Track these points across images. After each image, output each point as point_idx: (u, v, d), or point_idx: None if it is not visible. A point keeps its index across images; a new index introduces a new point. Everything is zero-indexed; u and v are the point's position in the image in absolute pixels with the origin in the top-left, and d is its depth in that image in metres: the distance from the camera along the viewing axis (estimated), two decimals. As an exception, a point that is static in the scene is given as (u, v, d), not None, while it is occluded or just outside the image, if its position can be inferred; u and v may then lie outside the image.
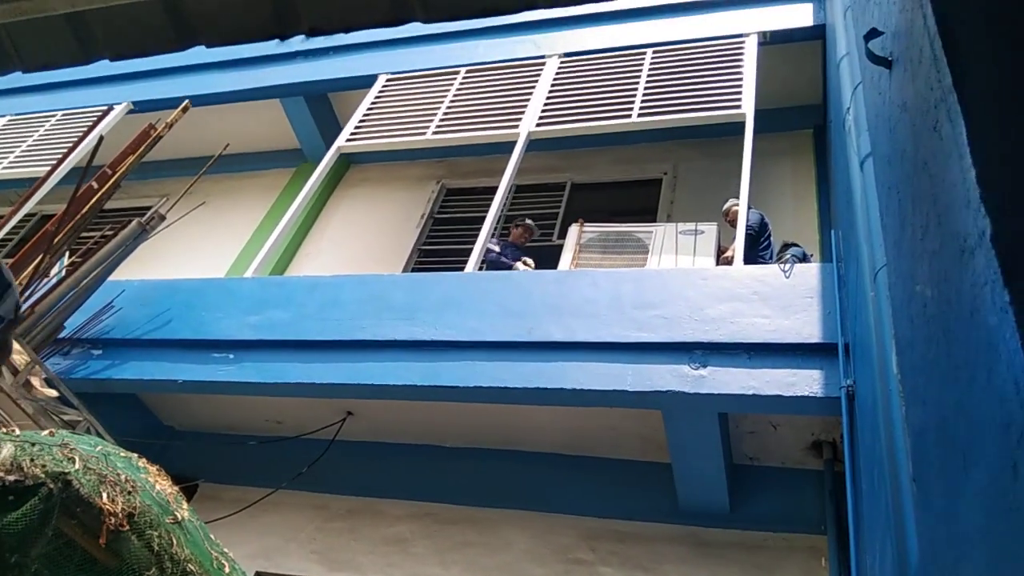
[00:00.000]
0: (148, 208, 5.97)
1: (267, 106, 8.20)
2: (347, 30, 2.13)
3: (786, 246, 5.80)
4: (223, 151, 6.36)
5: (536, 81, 6.81)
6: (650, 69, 6.48)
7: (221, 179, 8.36)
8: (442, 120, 6.81)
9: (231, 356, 5.10)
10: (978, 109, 1.21)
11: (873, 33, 2.06)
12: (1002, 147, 1.13)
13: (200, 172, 6.10)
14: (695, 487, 4.76)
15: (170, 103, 7.12)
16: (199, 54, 2.42)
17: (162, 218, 5.61)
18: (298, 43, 7.82)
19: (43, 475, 2.17)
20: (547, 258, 6.26)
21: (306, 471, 5.34)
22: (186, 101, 6.07)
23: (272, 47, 7.66)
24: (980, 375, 1.08)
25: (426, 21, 1.93)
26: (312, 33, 2.21)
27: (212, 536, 2.97)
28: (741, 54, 6.28)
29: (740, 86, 5.99)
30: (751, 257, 5.22)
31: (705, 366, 4.21)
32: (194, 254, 7.64)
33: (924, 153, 1.51)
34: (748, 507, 4.82)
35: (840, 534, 4.22)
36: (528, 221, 6.66)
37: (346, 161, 8.23)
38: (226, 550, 3.02)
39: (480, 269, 5.65)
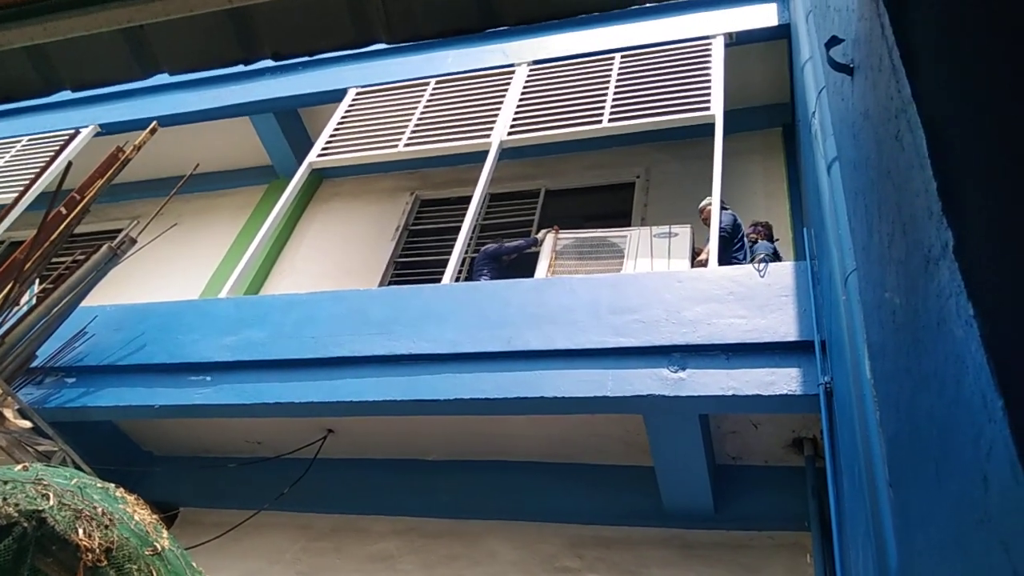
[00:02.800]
0: (119, 231, 5.92)
1: (236, 124, 8.14)
2: (311, 54, 2.12)
3: (755, 225, 5.83)
4: (193, 171, 6.31)
5: (506, 90, 6.82)
6: (619, 74, 6.51)
7: (192, 199, 8.30)
8: (414, 132, 6.79)
9: (208, 379, 5.05)
10: (938, 120, 1.22)
11: (834, 41, 2.08)
12: (964, 158, 1.14)
13: (171, 193, 6.04)
14: (679, 489, 4.77)
15: (138, 124, 7.07)
16: (165, 75, 2.42)
17: (133, 241, 5.55)
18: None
19: (16, 514, 2.13)
20: (524, 265, 6.26)
21: (288, 491, 5.30)
22: (154, 122, 6.01)
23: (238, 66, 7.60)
24: (949, 386, 1.09)
25: (390, 42, 1.93)
26: (277, 58, 2.20)
27: (194, 564, 2.94)
28: (708, 56, 6.33)
29: (708, 88, 6.03)
30: (725, 259, 5.25)
31: (684, 368, 4.23)
32: (167, 276, 7.56)
33: (887, 161, 1.53)
34: (732, 507, 4.84)
35: (824, 530, 4.25)
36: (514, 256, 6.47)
37: (318, 176, 8.20)
38: (209, 577, 2.99)
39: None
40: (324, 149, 6.96)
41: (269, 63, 7.69)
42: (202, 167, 6.88)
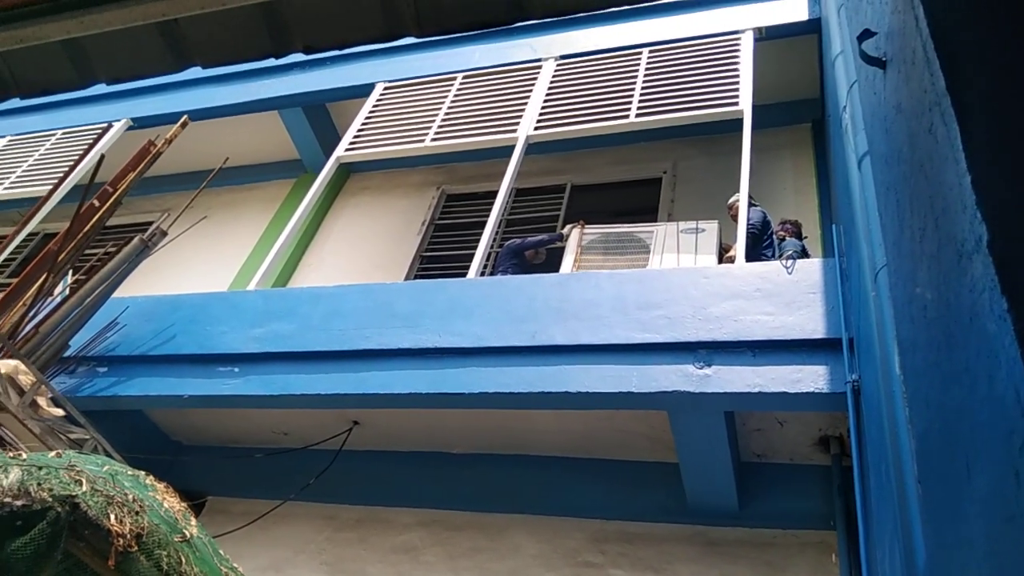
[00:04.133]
0: (150, 224, 6.00)
1: (266, 118, 8.22)
2: (342, 47, 2.14)
3: (784, 223, 5.79)
4: (223, 165, 6.38)
5: (533, 84, 6.81)
6: (647, 68, 6.48)
7: (222, 192, 8.40)
8: (440, 126, 6.82)
9: (236, 370, 5.11)
10: (973, 113, 1.21)
11: (866, 34, 2.06)
12: (998, 152, 1.12)
13: (201, 186, 6.11)
14: (703, 486, 4.75)
15: (169, 118, 7.16)
16: (196, 69, 2.46)
17: (164, 234, 5.63)
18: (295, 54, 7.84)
19: (50, 499, 2.17)
20: (549, 261, 6.26)
21: (314, 482, 5.35)
22: (185, 116, 6.08)
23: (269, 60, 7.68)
24: (981, 381, 1.08)
25: (419, 36, 1.94)
26: (308, 51, 2.22)
27: (221, 551, 2.98)
28: (737, 50, 6.28)
29: (737, 82, 5.99)
30: (754, 256, 5.21)
31: (710, 365, 4.21)
32: (197, 268, 7.65)
33: (920, 155, 1.51)
34: (757, 505, 4.81)
35: (849, 529, 4.22)
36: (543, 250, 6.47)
37: (346, 170, 8.25)
38: (236, 565, 3.03)
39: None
40: (352, 143, 7.01)
41: (298, 58, 7.77)
42: (232, 161, 6.96)
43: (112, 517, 2.33)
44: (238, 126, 8.28)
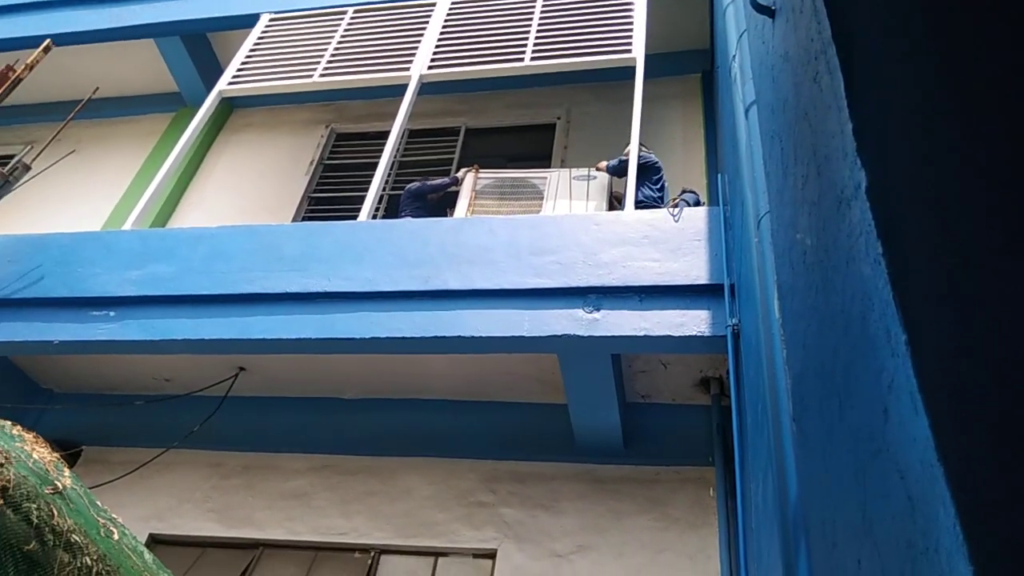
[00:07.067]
0: (11, 157, 5.56)
1: (140, 46, 7.69)
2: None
3: (683, 192, 5.92)
4: (92, 95, 5.94)
5: (427, 22, 6.63)
6: (542, 12, 6.41)
7: (92, 125, 7.87)
8: (330, 62, 6.56)
9: (112, 314, 4.85)
10: (856, 62, 1.24)
11: (757, -18, 2.09)
12: (879, 100, 1.16)
13: (68, 118, 5.69)
14: (590, 426, 4.90)
15: (30, 42, 6.60)
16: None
17: (27, 168, 5.23)
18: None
19: (-98, 452, 2.02)
20: (442, 205, 6.20)
21: (198, 429, 5.20)
22: (47, 40, 5.61)
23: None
24: (855, 323, 1.13)
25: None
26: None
27: (99, 502, 2.86)
28: (632, -2, 6.29)
29: (631, 30, 6.00)
30: (639, 184, 5.24)
31: (599, 309, 4.30)
32: (65, 206, 7.18)
33: (805, 103, 1.55)
34: (641, 443, 5.01)
35: (727, 465, 4.45)
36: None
37: (229, 105, 7.86)
38: (115, 516, 2.92)
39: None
40: (235, 77, 6.66)
41: (175, -18, 7.26)
42: (103, 91, 6.52)
43: (-27, 470, 2.18)
44: (110, 53, 7.73)
